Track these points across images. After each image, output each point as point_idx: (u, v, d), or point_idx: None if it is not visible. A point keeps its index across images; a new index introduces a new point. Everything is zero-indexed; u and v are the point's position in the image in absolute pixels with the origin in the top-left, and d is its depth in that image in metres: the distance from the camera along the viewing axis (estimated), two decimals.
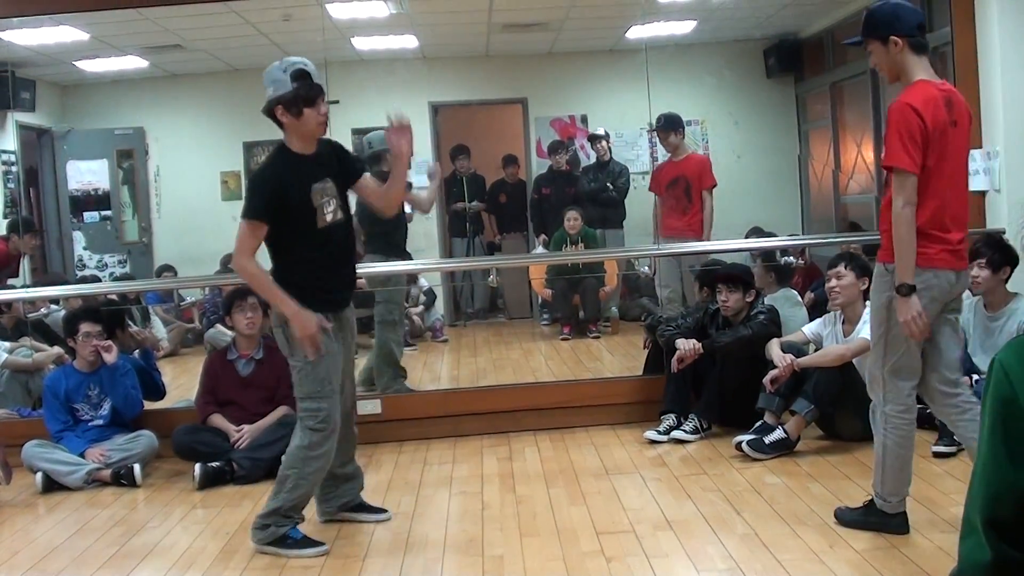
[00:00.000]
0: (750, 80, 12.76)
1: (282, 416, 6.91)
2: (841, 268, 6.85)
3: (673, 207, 9.55)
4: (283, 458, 5.44)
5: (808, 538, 4.99)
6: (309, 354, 5.14)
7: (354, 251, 5.66)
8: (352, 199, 5.74)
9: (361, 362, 8.30)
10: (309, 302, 5.14)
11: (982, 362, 6.52)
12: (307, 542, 5.29)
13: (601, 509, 5.73)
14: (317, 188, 5.21)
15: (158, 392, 7.80)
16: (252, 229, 5.10)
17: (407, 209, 11.76)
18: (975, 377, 6.42)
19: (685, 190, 9.36)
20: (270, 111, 5.19)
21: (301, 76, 5.15)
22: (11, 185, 11.61)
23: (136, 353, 7.88)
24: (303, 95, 5.13)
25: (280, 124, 5.24)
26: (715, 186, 9.31)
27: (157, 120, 12.74)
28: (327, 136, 5.54)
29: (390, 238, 8.79)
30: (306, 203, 5.16)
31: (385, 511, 5.85)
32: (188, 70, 12.54)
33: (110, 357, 7.13)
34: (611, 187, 11.94)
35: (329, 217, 5.26)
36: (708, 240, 9.10)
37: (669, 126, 9.55)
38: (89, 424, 7.14)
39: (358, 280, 6.04)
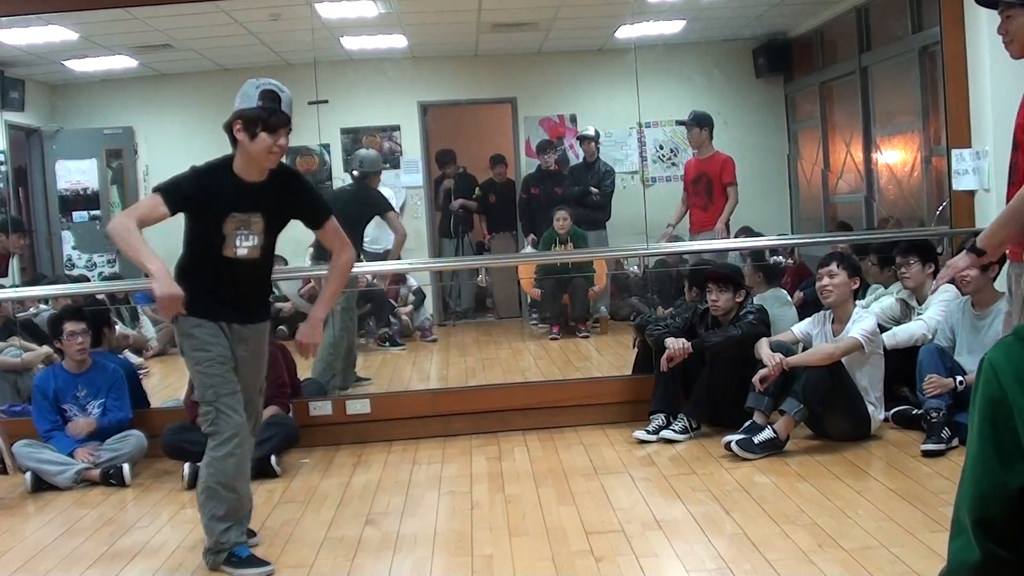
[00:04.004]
0: (739, 80, 12.77)
1: (271, 416, 6.91)
2: (833, 267, 6.86)
3: (697, 204, 9.85)
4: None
5: (797, 538, 5.00)
6: (164, 314, 4.93)
7: (263, 290, 5.38)
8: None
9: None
10: (197, 303, 4.90)
11: (968, 363, 6.53)
12: (252, 561, 5.08)
13: (590, 509, 5.73)
14: (236, 217, 4.95)
15: (142, 401, 7.83)
16: (154, 203, 4.83)
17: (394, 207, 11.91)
18: (959, 378, 6.43)
19: (707, 188, 9.55)
20: (229, 125, 4.93)
21: (269, 97, 4.87)
22: (0, 185, 11.58)
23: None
24: (264, 117, 4.84)
25: (234, 142, 4.96)
26: (734, 183, 9.41)
27: (146, 120, 12.71)
28: (294, 171, 5.41)
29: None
30: (217, 227, 4.94)
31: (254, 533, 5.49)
32: (177, 69, 12.52)
33: (84, 427, 7.07)
34: (595, 190, 11.96)
35: (240, 251, 5.00)
36: (720, 230, 9.22)
37: (695, 121, 9.79)
38: None
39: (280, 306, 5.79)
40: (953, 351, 6.75)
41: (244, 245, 5.01)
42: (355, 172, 9.56)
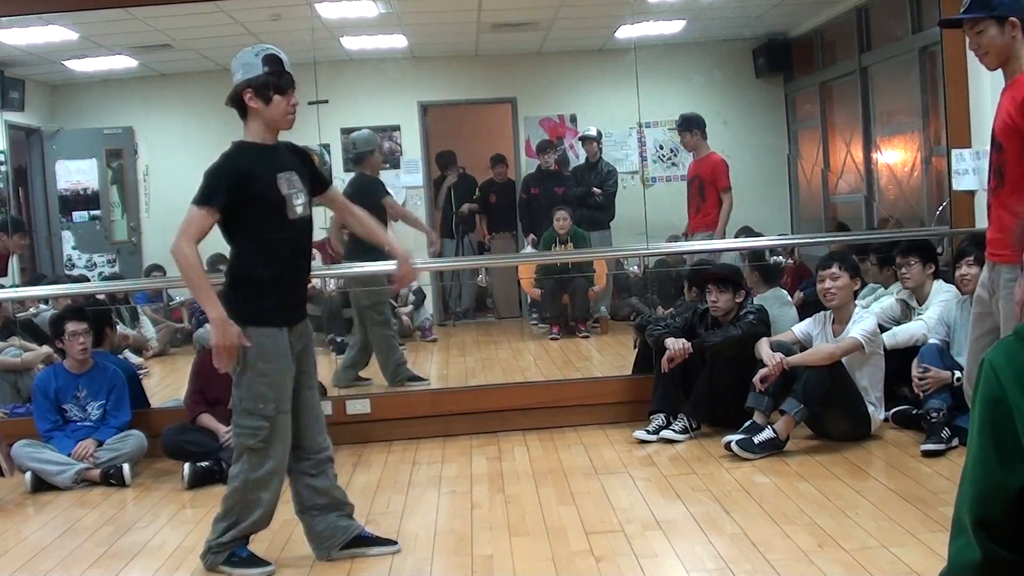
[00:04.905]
0: (739, 80, 12.77)
1: None
2: (835, 269, 6.86)
3: (691, 205, 9.85)
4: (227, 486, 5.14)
5: (797, 538, 5.00)
6: (221, 367, 4.83)
7: (309, 269, 5.36)
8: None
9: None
10: (266, 307, 4.88)
11: (965, 362, 6.53)
12: (253, 561, 5.08)
13: (590, 509, 5.73)
14: (283, 177, 4.98)
15: (142, 401, 7.84)
16: (202, 216, 4.78)
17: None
18: (957, 374, 6.43)
19: (699, 189, 9.54)
20: (237, 96, 4.93)
21: (273, 61, 4.93)
22: (0, 185, 11.58)
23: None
24: (274, 80, 4.91)
25: (244, 113, 4.98)
26: (728, 188, 9.38)
27: (146, 119, 12.72)
28: (307, 142, 5.36)
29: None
30: (272, 191, 4.92)
31: (395, 543, 5.36)
32: (177, 69, 12.52)
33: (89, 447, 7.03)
34: (598, 191, 11.97)
35: (299, 209, 5.01)
36: (722, 237, 9.22)
37: (683, 126, 9.82)
38: (78, 424, 7.12)
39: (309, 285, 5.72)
40: (949, 349, 6.75)
41: (299, 203, 5.03)
42: (351, 157, 9.44)
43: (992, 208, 4.90)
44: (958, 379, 6.40)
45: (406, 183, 13.12)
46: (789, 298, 8.41)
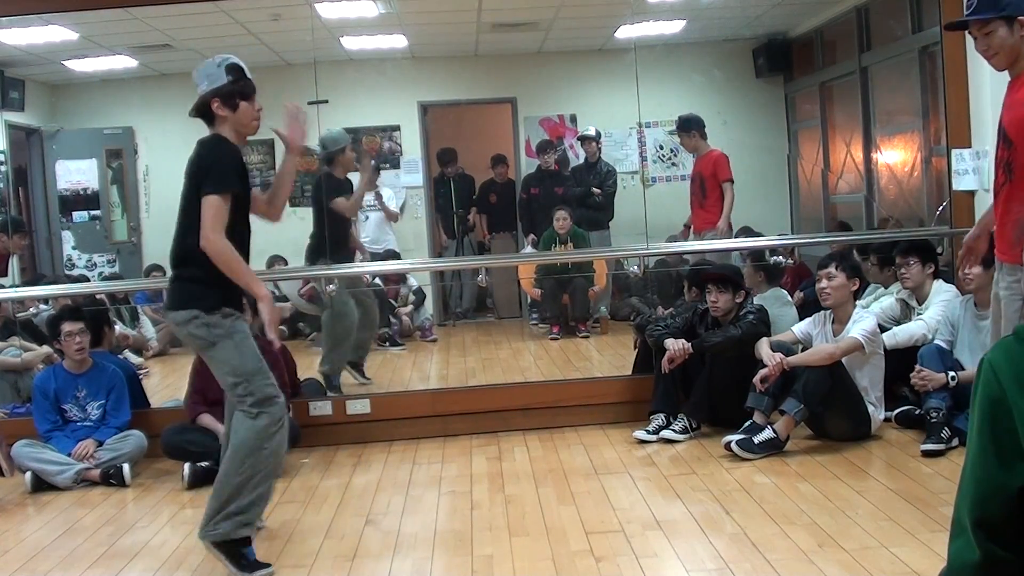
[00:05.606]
0: (739, 80, 12.78)
1: None
2: (832, 269, 6.86)
3: (693, 203, 9.92)
4: (228, 458, 5.14)
5: (797, 538, 4.99)
6: (276, 340, 5.06)
7: None
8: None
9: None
10: (225, 297, 5.01)
11: (968, 361, 6.54)
12: (256, 565, 5.02)
13: (590, 509, 5.73)
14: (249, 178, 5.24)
15: (142, 401, 7.83)
16: (225, 202, 4.90)
17: (394, 208, 11.93)
18: (951, 374, 6.43)
19: (700, 186, 9.58)
20: (206, 104, 5.07)
21: (236, 69, 5.10)
22: (0, 185, 11.58)
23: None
24: (239, 89, 5.08)
25: (212, 121, 5.12)
26: (730, 180, 9.39)
27: (146, 120, 12.71)
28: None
29: (341, 241, 8.89)
30: (248, 190, 5.18)
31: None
32: (177, 69, 12.48)
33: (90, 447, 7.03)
34: (598, 191, 11.98)
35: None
36: (724, 230, 9.23)
37: (682, 128, 9.93)
38: (78, 424, 7.12)
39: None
40: (953, 348, 6.74)
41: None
42: (320, 157, 9.34)
43: (999, 203, 4.87)
44: (953, 378, 6.41)
45: (406, 183, 13.13)
46: (789, 298, 8.41)
